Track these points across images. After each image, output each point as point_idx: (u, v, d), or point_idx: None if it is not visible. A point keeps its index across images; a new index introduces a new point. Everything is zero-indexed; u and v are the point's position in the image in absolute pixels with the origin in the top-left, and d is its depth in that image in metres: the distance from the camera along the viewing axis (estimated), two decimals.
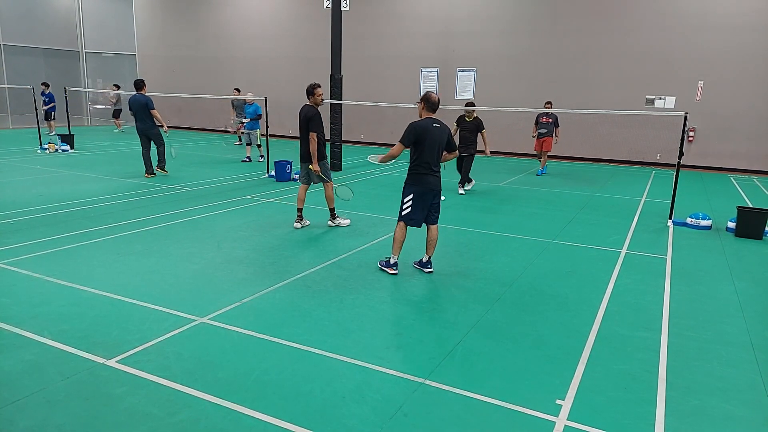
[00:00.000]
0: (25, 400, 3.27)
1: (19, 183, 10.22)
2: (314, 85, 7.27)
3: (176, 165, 12.94)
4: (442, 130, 5.56)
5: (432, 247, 5.83)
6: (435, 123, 5.53)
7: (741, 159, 15.07)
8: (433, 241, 5.80)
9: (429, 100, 5.55)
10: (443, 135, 5.57)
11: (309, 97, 7.25)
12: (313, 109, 7.18)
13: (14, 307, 4.60)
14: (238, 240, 6.85)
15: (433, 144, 5.50)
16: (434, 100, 5.56)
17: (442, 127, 5.57)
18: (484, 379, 3.68)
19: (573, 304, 5.07)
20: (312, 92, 7.23)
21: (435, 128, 5.51)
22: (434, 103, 5.56)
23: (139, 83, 11.07)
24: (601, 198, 10.59)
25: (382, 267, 5.85)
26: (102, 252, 6.16)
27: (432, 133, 5.48)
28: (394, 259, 5.77)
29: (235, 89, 17.74)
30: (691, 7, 14.90)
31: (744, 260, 6.71)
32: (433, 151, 5.53)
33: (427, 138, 5.46)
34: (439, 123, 5.56)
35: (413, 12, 18.45)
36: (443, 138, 5.57)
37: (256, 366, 3.73)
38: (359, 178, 12.11)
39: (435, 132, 5.50)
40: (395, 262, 5.77)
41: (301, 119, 7.22)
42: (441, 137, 5.55)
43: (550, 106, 12.93)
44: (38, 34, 22.95)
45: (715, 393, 3.62)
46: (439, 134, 5.53)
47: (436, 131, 5.50)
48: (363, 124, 19.66)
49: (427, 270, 5.84)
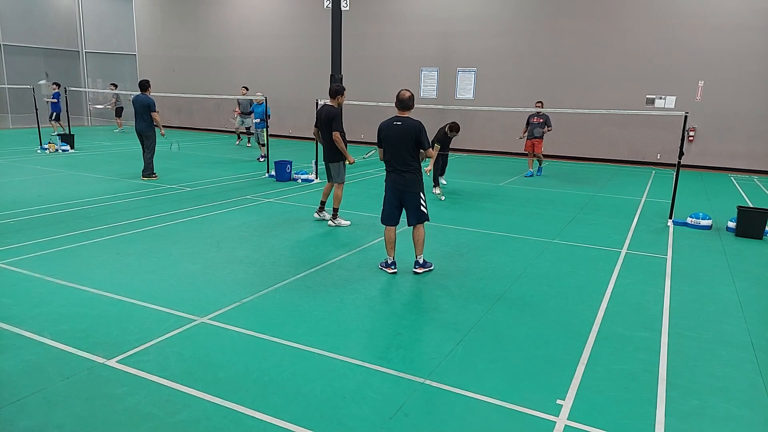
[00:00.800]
0: (25, 400, 3.27)
1: (19, 183, 10.22)
2: (342, 89, 7.57)
3: (176, 165, 12.94)
4: (405, 128, 5.45)
5: (417, 246, 5.75)
6: (397, 121, 5.50)
7: (741, 159, 15.07)
8: (416, 241, 5.74)
9: (396, 97, 5.56)
10: (405, 133, 5.45)
11: (333, 98, 7.51)
12: (335, 109, 7.42)
13: (14, 307, 4.59)
14: (238, 240, 6.85)
15: (392, 142, 5.50)
16: (401, 98, 5.51)
17: (405, 125, 5.47)
18: (484, 379, 3.67)
19: (573, 304, 5.07)
20: (336, 95, 7.52)
21: (395, 126, 5.48)
22: (401, 101, 5.52)
23: (144, 84, 11.06)
24: (601, 198, 10.58)
25: (381, 267, 5.87)
26: (102, 252, 6.16)
27: (391, 130, 5.49)
28: (390, 259, 5.81)
29: (243, 87, 17.69)
30: (691, 7, 14.90)
31: (744, 260, 6.71)
32: (392, 149, 5.53)
33: (386, 136, 5.53)
34: (401, 120, 5.49)
35: (413, 12, 18.45)
36: (404, 136, 5.45)
37: (256, 366, 3.73)
38: (359, 178, 12.11)
39: (394, 130, 5.48)
40: (392, 261, 5.80)
41: (323, 119, 7.40)
42: (402, 135, 5.45)
43: (541, 106, 12.72)
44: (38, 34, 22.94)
45: (716, 393, 3.62)
46: (399, 132, 5.46)
47: (395, 129, 5.48)
48: (363, 124, 19.64)
49: (414, 269, 5.76)
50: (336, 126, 7.33)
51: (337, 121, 7.34)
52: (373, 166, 14.14)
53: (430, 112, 18.47)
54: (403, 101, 5.53)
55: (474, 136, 17.93)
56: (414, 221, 5.73)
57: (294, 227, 7.57)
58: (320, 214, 7.99)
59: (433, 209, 9.00)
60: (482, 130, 17.83)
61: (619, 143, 16.24)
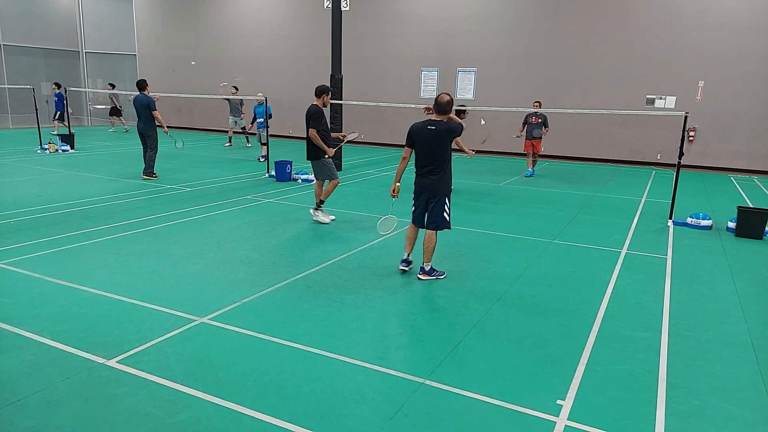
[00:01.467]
0: (25, 400, 3.27)
1: (20, 183, 10.22)
2: (327, 88, 7.63)
3: (176, 165, 12.94)
4: (438, 132, 5.37)
5: (426, 253, 5.58)
6: (430, 125, 5.41)
7: (741, 159, 15.07)
8: (426, 247, 5.57)
9: (435, 100, 5.46)
10: (438, 136, 5.37)
11: (318, 97, 7.58)
12: (316, 108, 7.49)
13: (14, 307, 4.59)
14: (238, 240, 6.85)
15: (422, 146, 5.46)
16: (439, 101, 5.40)
17: (438, 129, 5.37)
18: (484, 379, 3.67)
19: (573, 304, 5.07)
20: (321, 94, 7.58)
21: (429, 130, 5.40)
22: (439, 104, 5.42)
23: (141, 83, 11.06)
24: (601, 198, 10.58)
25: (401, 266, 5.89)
26: (102, 252, 6.16)
27: (423, 134, 5.43)
28: (405, 256, 5.82)
29: (233, 87, 17.75)
30: (691, 6, 14.90)
31: (744, 260, 6.71)
32: (422, 152, 5.49)
33: (418, 139, 5.48)
34: (435, 125, 5.38)
35: (413, 12, 18.44)
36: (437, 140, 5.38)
37: (256, 366, 3.73)
38: (359, 178, 12.11)
39: (427, 133, 5.41)
40: (405, 259, 5.81)
41: (306, 118, 7.57)
42: (434, 138, 5.38)
43: (539, 106, 12.77)
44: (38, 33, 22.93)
45: (716, 393, 3.62)
46: (432, 135, 5.39)
47: (427, 133, 5.41)
48: (363, 124, 19.62)
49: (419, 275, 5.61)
50: (313, 123, 7.43)
51: (315, 119, 7.44)
52: (373, 166, 14.16)
53: None
54: (441, 104, 5.38)
55: (474, 136, 17.89)
56: (432, 226, 5.56)
57: (294, 227, 7.57)
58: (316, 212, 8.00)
59: None
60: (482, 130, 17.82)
61: (619, 143, 16.24)
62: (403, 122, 19.14)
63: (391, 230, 6.21)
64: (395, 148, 19.06)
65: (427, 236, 5.59)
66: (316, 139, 7.47)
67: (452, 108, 5.47)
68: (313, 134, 7.46)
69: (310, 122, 7.48)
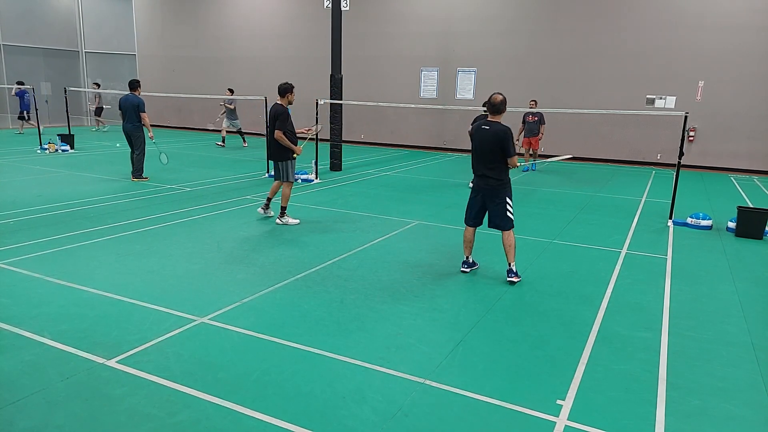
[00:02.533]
0: (25, 400, 3.26)
1: (19, 183, 10.22)
2: (291, 87, 7.63)
3: (176, 165, 12.93)
4: (492, 133, 5.31)
5: (509, 254, 5.54)
6: (485, 125, 5.41)
7: (741, 159, 15.06)
8: (507, 248, 5.54)
9: (489, 100, 5.47)
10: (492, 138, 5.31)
11: (282, 96, 7.60)
12: (280, 108, 7.51)
13: (14, 307, 4.59)
14: (238, 240, 6.85)
15: (478, 145, 5.46)
16: (493, 101, 5.39)
17: (492, 130, 5.32)
18: (484, 379, 3.67)
19: (573, 304, 5.07)
20: (285, 93, 7.60)
21: (483, 130, 5.41)
22: (493, 104, 5.40)
23: (134, 83, 10.90)
24: (601, 198, 10.58)
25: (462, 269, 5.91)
26: (102, 252, 6.16)
27: (479, 134, 5.44)
28: (465, 258, 5.88)
29: (228, 89, 17.80)
30: (691, 6, 14.90)
31: (744, 260, 6.70)
32: (477, 152, 5.48)
33: (475, 139, 5.51)
34: (490, 125, 5.36)
35: (413, 12, 18.44)
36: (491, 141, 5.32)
37: (256, 366, 3.73)
38: (359, 178, 12.11)
39: (482, 133, 5.42)
40: (465, 261, 5.87)
41: (270, 118, 7.58)
42: (488, 139, 5.33)
43: (535, 105, 13.33)
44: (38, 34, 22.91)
45: (716, 393, 3.61)
46: (486, 136, 5.35)
47: (482, 133, 5.41)
48: (363, 124, 19.65)
49: (509, 279, 5.53)
50: (279, 125, 7.41)
51: (281, 120, 7.43)
52: (373, 166, 14.15)
53: (430, 112, 18.52)
54: (495, 105, 5.38)
55: None
56: (503, 225, 5.52)
57: (294, 227, 7.56)
58: (266, 210, 8.04)
59: (433, 210, 9.01)
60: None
61: (619, 143, 16.24)
62: (403, 122, 19.17)
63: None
64: (395, 148, 19.07)
65: (505, 238, 5.55)
66: (283, 140, 7.43)
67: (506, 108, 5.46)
68: (279, 135, 7.41)
69: (276, 123, 7.41)
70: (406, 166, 14.38)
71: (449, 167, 14.64)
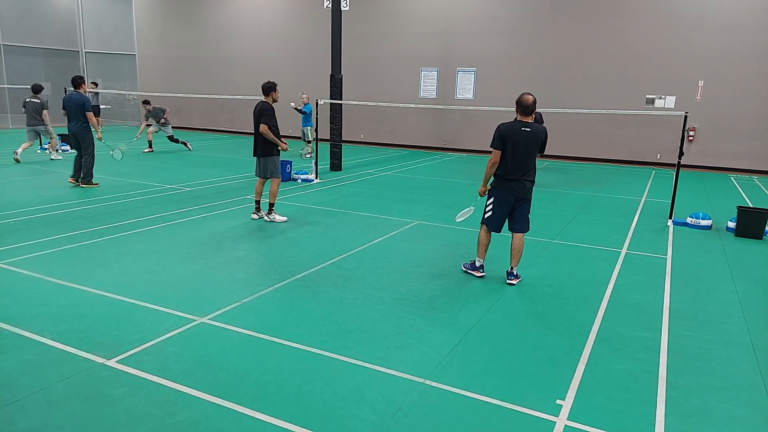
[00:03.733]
0: (25, 400, 3.26)
1: (19, 183, 10.22)
2: (274, 85, 7.68)
3: (176, 165, 12.94)
4: (534, 135, 5.23)
5: (516, 257, 5.54)
6: (525, 127, 5.22)
7: (741, 159, 15.07)
8: (517, 251, 5.53)
9: (519, 102, 5.25)
10: (534, 140, 5.24)
11: (267, 95, 7.63)
12: (267, 104, 7.56)
13: (14, 307, 4.59)
14: (238, 240, 6.85)
15: (518, 149, 5.22)
16: (525, 102, 5.21)
17: (534, 131, 5.23)
18: (484, 379, 3.67)
19: (573, 304, 5.07)
20: (269, 92, 7.64)
21: (524, 132, 5.20)
22: (525, 106, 5.21)
23: (77, 80, 9.97)
24: (601, 198, 10.58)
25: (466, 270, 5.78)
26: (102, 252, 6.16)
27: (520, 137, 5.20)
28: (480, 261, 5.69)
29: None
30: (691, 6, 14.90)
31: (744, 260, 6.70)
32: (517, 156, 5.25)
33: (514, 143, 5.21)
34: (530, 127, 5.22)
35: (413, 12, 18.45)
36: (533, 143, 5.24)
37: (256, 366, 3.73)
38: (359, 178, 12.10)
39: (523, 136, 5.20)
40: (481, 264, 5.69)
41: (255, 114, 7.55)
42: (531, 142, 5.23)
43: None
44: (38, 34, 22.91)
45: (716, 393, 3.61)
46: (529, 139, 5.21)
47: (524, 135, 5.20)
48: (363, 124, 19.66)
49: (509, 281, 5.53)
50: (265, 120, 7.46)
51: (267, 115, 7.49)
52: (373, 166, 14.15)
53: (429, 112, 18.52)
54: (529, 106, 5.21)
55: (474, 136, 17.93)
56: (522, 229, 5.53)
57: (294, 227, 7.56)
58: (257, 214, 7.96)
59: (433, 210, 9.01)
60: (482, 130, 17.82)
61: (619, 143, 16.24)
62: (402, 122, 19.18)
63: (465, 218, 6.13)
64: (395, 148, 19.07)
65: (518, 241, 5.54)
66: (268, 134, 7.46)
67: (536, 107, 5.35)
68: (264, 129, 7.43)
69: (261, 118, 7.44)
70: (406, 166, 14.39)
71: (449, 167, 14.64)
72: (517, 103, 5.28)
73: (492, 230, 5.61)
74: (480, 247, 5.67)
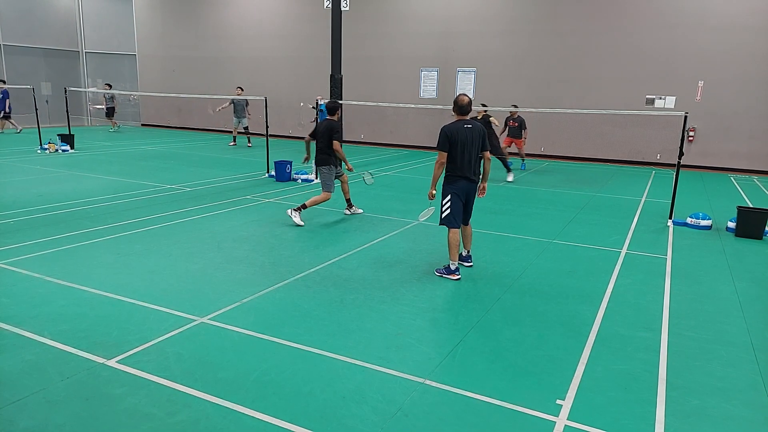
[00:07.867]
0: (25, 400, 3.27)
1: (19, 183, 10.22)
2: (339, 105, 8.22)
3: (176, 165, 12.94)
4: (476, 131, 5.55)
5: (469, 241, 6.02)
6: (467, 124, 5.54)
7: (741, 159, 15.07)
8: (469, 236, 6.00)
9: (456, 102, 5.56)
10: (477, 136, 5.55)
11: (334, 114, 8.08)
12: (334, 123, 7.97)
13: (14, 307, 4.59)
14: (238, 240, 6.85)
15: (466, 147, 5.50)
16: (461, 103, 5.55)
17: (475, 128, 5.55)
18: (484, 379, 3.67)
19: (573, 304, 5.07)
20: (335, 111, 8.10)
21: (467, 129, 5.51)
22: (461, 106, 5.55)
23: None
24: (601, 198, 10.58)
25: (441, 275, 5.70)
26: (102, 252, 6.16)
27: (464, 134, 5.49)
28: (454, 265, 5.66)
29: (239, 88, 17.83)
30: (691, 6, 14.90)
31: (744, 260, 6.71)
32: (465, 154, 5.53)
33: (461, 141, 5.48)
34: (471, 124, 5.55)
35: (413, 12, 18.45)
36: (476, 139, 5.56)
37: (256, 366, 3.73)
38: (359, 178, 12.09)
39: (467, 133, 5.50)
40: (456, 267, 5.67)
41: (322, 130, 7.93)
42: (474, 139, 5.53)
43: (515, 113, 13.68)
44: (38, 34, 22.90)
45: (716, 393, 3.62)
46: (472, 135, 5.52)
47: (467, 132, 5.50)
48: (363, 124, 19.66)
49: (467, 264, 6.00)
50: (336, 137, 7.91)
51: (339, 134, 8.01)
52: (373, 166, 14.14)
53: (429, 112, 18.51)
54: (464, 107, 5.54)
55: None
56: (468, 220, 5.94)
57: (294, 227, 7.56)
58: (350, 209, 8.42)
59: None
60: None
61: (619, 143, 16.24)
62: (402, 122, 19.18)
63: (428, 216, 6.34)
64: (395, 148, 19.07)
65: (469, 228, 5.99)
66: (340, 151, 7.89)
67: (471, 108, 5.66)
68: (337, 146, 7.85)
69: (334, 135, 7.86)
70: (406, 166, 14.39)
71: None
72: (455, 103, 5.59)
73: (455, 227, 5.70)
74: (452, 249, 5.66)
